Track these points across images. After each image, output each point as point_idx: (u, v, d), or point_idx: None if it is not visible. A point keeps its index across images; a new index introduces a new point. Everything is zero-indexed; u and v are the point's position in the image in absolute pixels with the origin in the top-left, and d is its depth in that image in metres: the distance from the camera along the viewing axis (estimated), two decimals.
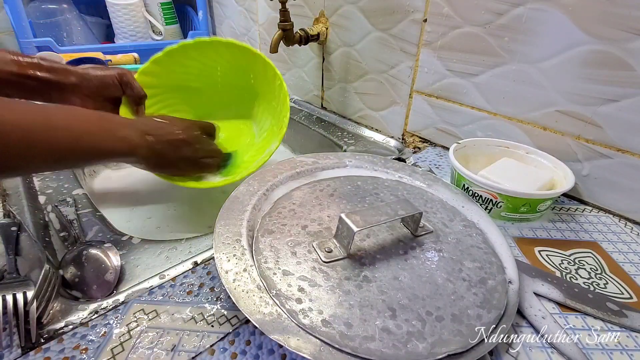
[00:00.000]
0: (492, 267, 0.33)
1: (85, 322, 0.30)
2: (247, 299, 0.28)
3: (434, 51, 0.55)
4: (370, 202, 0.40)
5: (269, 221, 0.36)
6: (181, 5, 1.07)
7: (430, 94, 0.58)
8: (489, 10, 0.47)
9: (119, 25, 0.98)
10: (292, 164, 0.46)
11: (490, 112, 0.52)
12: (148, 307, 0.31)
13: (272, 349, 0.28)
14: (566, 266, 0.37)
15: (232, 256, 0.31)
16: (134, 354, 0.27)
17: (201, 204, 0.60)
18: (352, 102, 0.71)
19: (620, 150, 0.42)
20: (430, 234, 0.36)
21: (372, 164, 0.48)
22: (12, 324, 0.28)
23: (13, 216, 0.41)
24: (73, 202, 0.46)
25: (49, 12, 0.93)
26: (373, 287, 0.30)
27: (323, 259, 0.32)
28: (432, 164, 0.55)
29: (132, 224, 0.53)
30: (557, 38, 0.43)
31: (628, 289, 0.35)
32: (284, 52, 0.81)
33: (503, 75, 0.49)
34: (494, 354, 0.28)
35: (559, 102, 0.45)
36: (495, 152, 0.50)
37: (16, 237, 0.38)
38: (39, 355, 0.27)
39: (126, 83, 0.50)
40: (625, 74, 0.39)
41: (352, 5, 0.62)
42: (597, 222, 0.43)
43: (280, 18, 0.62)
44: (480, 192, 0.43)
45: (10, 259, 0.35)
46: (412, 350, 0.25)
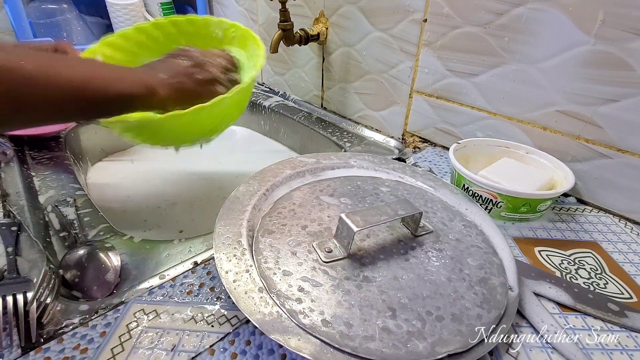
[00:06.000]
0: (492, 267, 0.33)
1: (85, 322, 0.30)
2: (247, 299, 0.28)
3: (434, 51, 0.55)
4: (370, 202, 0.40)
5: (269, 221, 0.36)
6: (181, 5, 1.07)
7: (430, 94, 0.58)
8: (489, 10, 0.47)
9: (119, 25, 0.98)
10: (292, 164, 0.46)
11: (490, 112, 0.52)
12: (148, 307, 0.31)
13: (272, 349, 0.28)
14: (566, 266, 0.37)
15: (232, 256, 0.31)
16: (134, 354, 0.27)
17: (201, 204, 0.60)
18: (352, 102, 0.71)
19: (620, 150, 0.42)
20: (430, 234, 0.36)
21: (372, 164, 0.48)
22: (12, 324, 0.28)
23: (13, 216, 0.41)
24: (73, 202, 0.46)
25: (49, 12, 0.93)
26: (373, 287, 0.30)
27: (323, 259, 0.32)
28: (432, 164, 0.55)
29: (133, 224, 0.53)
30: (557, 38, 0.43)
31: (628, 289, 0.35)
32: (284, 52, 0.81)
33: (503, 75, 0.49)
34: (494, 354, 0.28)
35: (559, 102, 0.45)
36: (495, 152, 0.50)
37: (16, 237, 0.38)
38: (39, 355, 0.27)
39: (63, 51, 0.45)
40: (625, 74, 0.39)
41: (352, 5, 0.62)
42: (597, 222, 0.43)
43: (280, 18, 0.62)
44: (480, 192, 0.43)
45: (10, 259, 0.35)
46: (412, 350, 0.25)
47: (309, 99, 0.82)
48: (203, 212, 0.58)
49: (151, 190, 0.62)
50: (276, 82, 0.88)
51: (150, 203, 0.59)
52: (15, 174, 0.50)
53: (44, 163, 0.54)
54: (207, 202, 0.60)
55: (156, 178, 0.52)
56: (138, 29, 0.56)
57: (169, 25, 0.57)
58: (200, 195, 0.61)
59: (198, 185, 0.65)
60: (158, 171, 0.68)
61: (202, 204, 0.60)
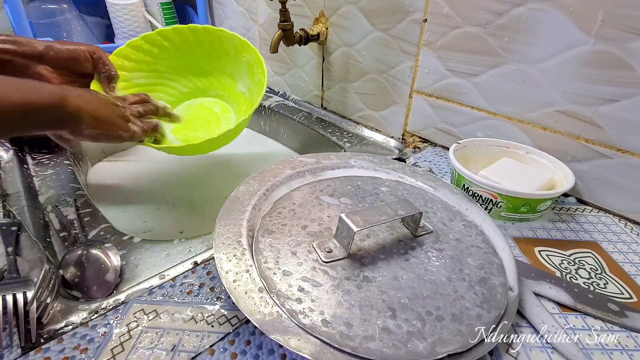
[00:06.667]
0: (492, 267, 0.33)
1: (85, 322, 0.30)
2: (247, 299, 0.28)
3: (434, 51, 0.55)
4: (370, 202, 0.40)
5: (269, 221, 0.36)
6: (181, 5, 1.07)
7: (430, 94, 0.58)
8: (489, 10, 0.47)
9: (119, 25, 0.98)
10: (292, 164, 0.46)
11: (490, 112, 0.52)
12: (148, 307, 0.31)
13: (272, 349, 0.28)
14: (566, 266, 0.37)
15: (232, 256, 0.31)
16: (134, 354, 0.27)
17: (201, 204, 0.60)
18: (352, 102, 0.71)
19: (620, 150, 0.42)
20: (430, 234, 0.36)
21: (372, 164, 0.48)
22: (12, 324, 0.28)
23: (13, 216, 0.41)
24: (73, 202, 0.46)
25: (49, 12, 0.93)
26: (373, 287, 0.30)
27: (323, 259, 0.32)
28: (432, 164, 0.55)
29: (132, 224, 0.54)
30: (557, 38, 0.43)
31: (628, 289, 0.35)
32: (284, 52, 0.81)
33: (503, 75, 0.49)
34: (494, 354, 0.28)
35: (559, 102, 0.45)
36: (495, 152, 0.50)
37: (16, 237, 0.37)
38: (39, 355, 0.27)
39: (98, 59, 0.48)
40: (625, 74, 0.39)
41: (352, 5, 0.62)
42: (597, 222, 0.43)
43: (280, 18, 0.62)
44: (480, 192, 0.43)
45: (10, 259, 0.35)
46: (412, 350, 0.25)
47: (309, 99, 0.82)
48: (203, 212, 0.58)
49: (151, 191, 0.62)
50: (276, 82, 0.88)
51: (150, 203, 0.59)
52: (15, 174, 0.50)
53: (44, 163, 0.54)
54: (207, 203, 0.60)
55: (156, 178, 0.52)
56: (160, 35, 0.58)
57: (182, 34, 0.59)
58: (200, 195, 0.61)
59: (198, 185, 0.65)
60: (158, 172, 0.68)
61: (202, 204, 0.60)
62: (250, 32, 0.91)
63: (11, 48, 0.43)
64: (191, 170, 0.68)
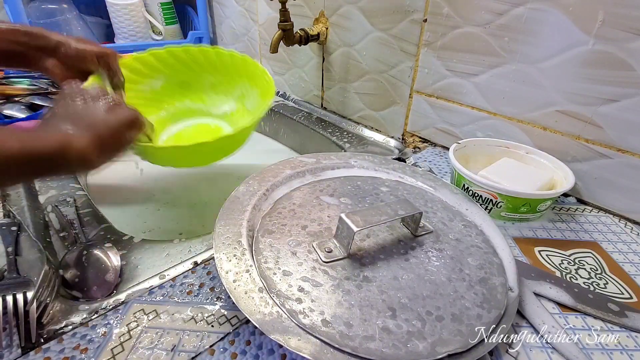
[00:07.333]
0: (492, 267, 0.33)
1: (85, 322, 0.30)
2: (247, 299, 0.28)
3: (434, 51, 0.55)
4: (370, 202, 0.40)
5: (269, 221, 0.36)
6: (181, 5, 1.07)
7: (430, 94, 0.58)
8: (489, 10, 0.47)
9: (119, 25, 0.98)
10: (292, 164, 0.46)
11: (490, 112, 0.52)
12: (148, 307, 0.31)
13: (272, 349, 0.28)
14: (566, 266, 0.37)
15: (232, 256, 0.31)
16: (134, 354, 0.27)
17: (201, 204, 0.60)
18: (352, 102, 0.71)
19: (620, 150, 0.42)
20: (430, 234, 0.36)
21: (372, 164, 0.48)
22: (12, 324, 0.28)
23: (13, 216, 0.41)
24: (73, 202, 0.46)
25: (49, 12, 0.93)
26: (373, 287, 0.30)
27: (323, 259, 0.32)
28: (432, 164, 0.55)
29: (132, 224, 0.53)
30: (557, 38, 0.43)
31: (628, 289, 0.35)
32: (284, 52, 0.81)
33: (503, 75, 0.49)
34: (494, 354, 0.28)
35: (559, 102, 0.45)
36: (495, 152, 0.50)
37: (16, 237, 0.38)
38: (39, 355, 0.27)
39: (105, 64, 0.48)
40: (625, 74, 0.39)
41: (352, 5, 0.62)
42: (597, 222, 0.43)
43: (280, 18, 0.62)
44: (480, 192, 0.43)
45: (10, 259, 0.34)
46: (412, 350, 0.25)
47: (309, 99, 0.82)
48: (203, 212, 0.58)
49: (151, 191, 0.62)
50: (276, 82, 0.88)
51: (150, 203, 0.59)
52: None
53: None
54: (207, 203, 0.60)
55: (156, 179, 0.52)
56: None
57: None
58: (200, 195, 0.61)
59: (198, 185, 0.65)
60: (158, 172, 0.68)
61: (202, 204, 0.60)
62: (250, 32, 0.91)
63: (25, 40, 0.43)
64: (191, 171, 0.68)
